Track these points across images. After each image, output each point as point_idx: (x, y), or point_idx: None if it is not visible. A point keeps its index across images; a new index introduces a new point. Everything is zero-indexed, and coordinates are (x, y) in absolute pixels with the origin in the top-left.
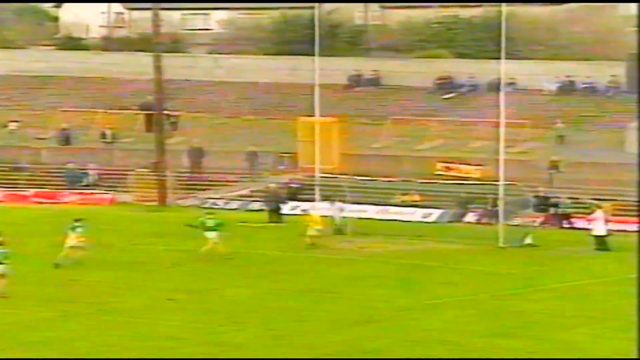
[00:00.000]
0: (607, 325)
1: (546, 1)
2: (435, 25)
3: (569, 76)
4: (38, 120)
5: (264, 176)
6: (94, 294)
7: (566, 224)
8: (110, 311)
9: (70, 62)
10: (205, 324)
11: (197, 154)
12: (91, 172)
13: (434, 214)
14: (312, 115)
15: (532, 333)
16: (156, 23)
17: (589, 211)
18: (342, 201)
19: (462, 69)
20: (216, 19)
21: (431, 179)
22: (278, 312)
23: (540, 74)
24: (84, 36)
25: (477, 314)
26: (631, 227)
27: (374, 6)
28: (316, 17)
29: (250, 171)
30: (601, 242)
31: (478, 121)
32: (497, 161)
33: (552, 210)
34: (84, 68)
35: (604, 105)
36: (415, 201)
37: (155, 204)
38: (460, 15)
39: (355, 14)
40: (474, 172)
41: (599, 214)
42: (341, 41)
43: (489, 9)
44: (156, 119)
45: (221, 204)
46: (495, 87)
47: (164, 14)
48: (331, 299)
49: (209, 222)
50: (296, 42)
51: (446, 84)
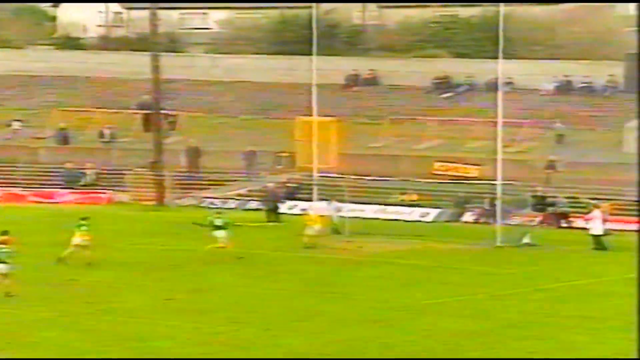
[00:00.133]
0: (606, 325)
1: (544, 1)
2: (433, 25)
3: (566, 76)
4: (36, 119)
5: (261, 176)
6: (92, 293)
7: (564, 223)
8: (108, 311)
9: (68, 62)
10: (204, 324)
11: (194, 154)
12: (89, 171)
13: (432, 213)
14: (310, 115)
15: (531, 333)
16: (154, 23)
17: (586, 211)
18: (340, 201)
19: (460, 68)
20: (214, 18)
21: (429, 178)
22: (276, 312)
23: (538, 73)
24: (81, 36)
25: (475, 314)
26: (629, 227)
27: (372, 6)
28: (314, 16)
29: (248, 171)
30: (599, 242)
31: (476, 121)
32: (494, 161)
33: (550, 209)
34: (81, 68)
35: (601, 105)
36: (413, 201)
37: (153, 203)
38: (458, 15)
39: (353, 13)
40: (472, 171)
41: (596, 213)
42: (339, 41)
43: (487, 8)
44: (154, 119)
45: (219, 203)
46: (493, 86)
47: (161, 13)
48: (329, 299)
49: (218, 222)
50: (294, 41)
51: (444, 84)
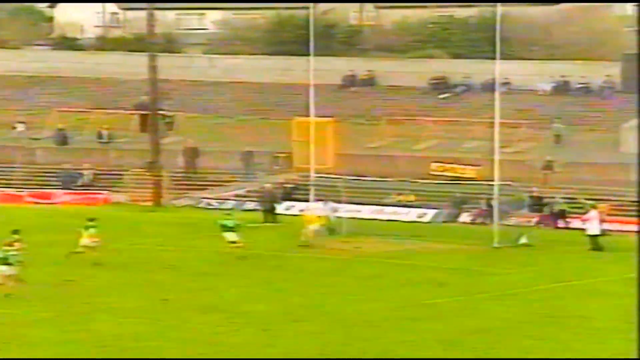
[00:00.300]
0: (604, 325)
1: (541, 1)
2: (431, 26)
3: (563, 76)
4: (33, 120)
5: (259, 176)
6: (90, 294)
7: (561, 223)
8: (106, 311)
9: (65, 63)
10: (201, 324)
11: (192, 154)
12: (86, 172)
13: (429, 213)
14: (307, 116)
15: (528, 333)
16: (151, 23)
17: (583, 211)
18: (337, 201)
19: (457, 69)
20: (211, 19)
21: (426, 178)
22: (274, 312)
23: (535, 74)
24: (78, 36)
25: (472, 314)
26: (626, 227)
27: (369, 6)
28: (311, 17)
29: (245, 171)
30: (596, 242)
31: (473, 121)
32: (492, 161)
33: (547, 210)
34: (78, 68)
35: (598, 105)
36: (410, 201)
37: (150, 204)
38: (455, 15)
39: (350, 14)
40: (469, 172)
41: (593, 213)
42: (336, 41)
43: (484, 9)
44: (151, 119)
45: (216, 204)
46: (490, 87)
47: (158, 14)
48: (327, 299)
49: (228, 223)
50: (291, 42)
51: (441, 84)
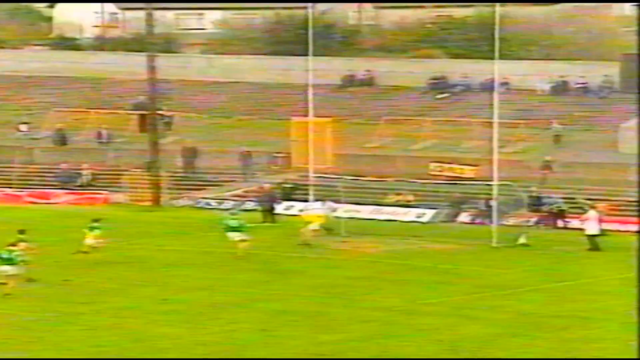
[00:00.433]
0: (602, 326)
1: (540, 1)
2: (429, 26)
3: (562, 76)
4: (31, 120)
5: (257, 176)
6: (87, 294)
7: (560, 223)
8: (104, 311)
9: (64, 62)
10: (199, 324)
11: (190, 154)
12: (85, 172)
13: (428, 213)
14: (306, 115)
15: (527, 333)
16: (150, 23)
17: (582, 211)
18: (336, 201)
19: (456, 69)
20: (210, 19)
21: (425, 178)
22: (271, 312)
23: (534, 74)
24: (77, 36)
25: (471, 314)
26: (625, 227)
27: (368, 6)
28: (310, 17)
29: (243, 171)
30: (594, 242)
31: (472, 121)
32: (490, 161)
33: (546, 210)
34: (77, 68)
35: (597, 105)
36: (409, 201)
37: (149, 203)
38: (453, 15)
39: (349, 14)
40: (468, 172)
41: (592, 213)
42: (335, 41)
43: (483, 9)
44: (150, 119)
45: (215, 204)
46: (488, 87)
47: (157, 14)
48: (325, 299)
49: (232, 223)
50: (290, 42)
51: (440, 84)
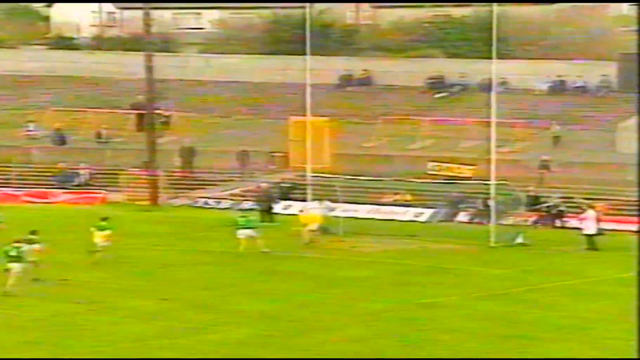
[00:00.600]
0: (600, 325)
1: (537, 1)
2: (427, 25)
3: (560, 76)
4: (29, 120)
5: (255, 176)
6: (86, 293)
7: (558, 223)
8: (102, 311)
9: (62, 62)
10: (198, 324)
11: (188, 154)
12: (82, 171)
13: (426, 213)
14: (304, 115)
15: (525, 333)
16: (147, 22)
17: (580, 210)
18: (333, 201)
19: (454, 68)
20: (207, 18)
21: (423, 178)
22: (270, 312)
23: (532, 73)
24: (75, 36)
25: (469, 314)
26: (623, 227)
27: (366, 6)
28: (307, 16)
29: (241, 171)
30: (592, 242)
31: (470, 121)
32: (488, 161)
33: (544, 209)
34: (75, 68)
35: (595, 105)
36: (407, 201)
37: (146, 203)
38: (451, 15)
39: (347, 13)
40: (466, 171)
41: (590, 213)
42: (333, 41)
43: (481, 8)
44: (147, 119)
45: (213, 203)
46: (486, 86)
47: (155, 13)
48: (322, 299)
49: (241, 221)
50: (287, 41)
51: (437, 84)
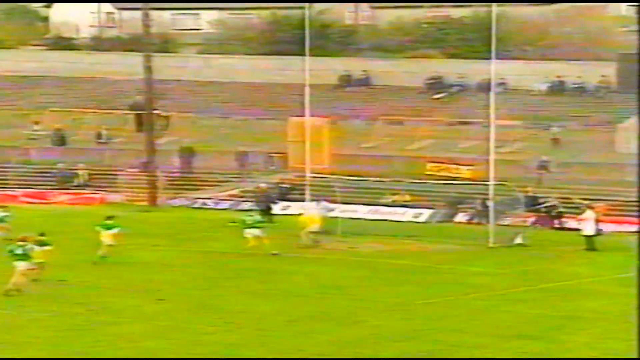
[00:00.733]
0: (599, 325)
1: (536, 1)
2: (426, 26)
3: (559, 76)
4: (28, 120)
5: (254, 176)
6: (84, 293)
7: (557, 224)
8: (99, 311)
9: (60, 62)
10: (195, 324)
11: (187, 154)
12: (81, 172)
13: (425, 213)
14: (303, 116)
15: (524, 333)
16: (146, 23)
17: (579, 211)
18: (333, 201)
19: (453, 69)
20: (206, 19)
21: (422, 178)
22: (268, 312)
23: (531, 74)
24: (74, 36)
25: (467, 314)
26: (622, 228)
27: (364, 6)
28: (306, 17)
29: (240, 171)
30: (591, 242)
31: (468, 121)
32: (487, 161)
33: (543, 210)
34: (74, 68)
35: (594, 105)
36: (406, 201)
37: (145, 203)
38: (450, 15)
39: (346, 14)
40: (464, 172)
41: (589, 214)
42: (331, 41)
43: (479, 9)
44: (146, 119)
45: (211, 204)
46: (485, 87)
47: (154, 14)
48: (321, 299)
49: (249, 220)
50: (286, 42)
51: (436, 84)
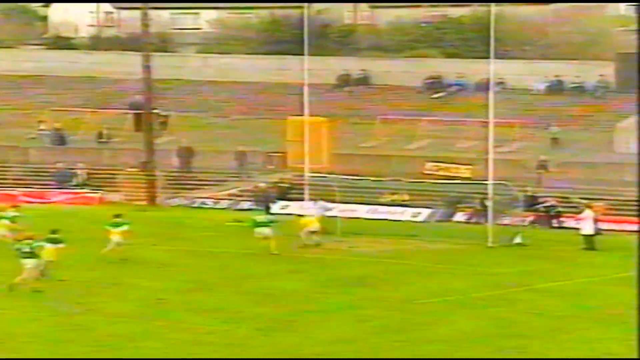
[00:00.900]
0: (599, 325)
1: (535, 1)
2: (424, 25)
3: (557, 76)
4: (27, 120)
5: (253, 176)
6: (83, 293)
7: (555, 223)
8: (98, 311)
9: (59, 62)
10: (194, 324)
11: (186, 154)
12: (80, 171)
13: (423, 213)
14: (301, 115)
15: (522, 333)
16: (145, 22)
17: (578, 211)
18: (331, 201)
19: (451, 68)
20: (205, 18)
21: (420, 178)
22: (267, 312)
23: (529, 73)
24: (72, 36)
25: (466, 314)
26: (621, 227)
27: (363, 6)
28: (305, 16)
29: (239, 171)
30: (590, 242)
31: (467, 121)
32: (486, 161)
33: (542, 209)
34: (72, 68)
35: (592, 105)
36: (405, 200)
37: (144, 203)
38: (449, 15)
39: (345, 13)
40: (463, 171)
41: (588, 213)
42: (330, 41)
43: (478, 8)
44: (145, 119)
45: (210, 203)
46: (484, 86)
47: (153, 13)
48: (320, 298)
49: (260, 219)
50: (285, 41)
51: (435, 84)
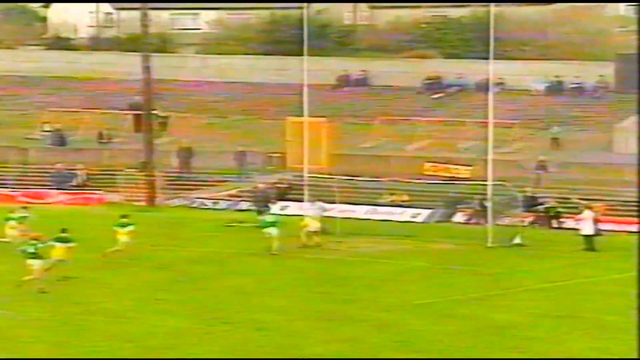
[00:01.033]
0: (598, 325)
1: (535, 1)
2: (424, 26)
3: (557, 76)
4: (26, 120)
5: (252, 176)
6: (82, 293)
7: (555, 224)
8: (97, 311)
9: (59, 62)
10: (194, 324)
11: (186, 154)
12: (79, 172)
13: (423, 213)
14: (301, 115)
15: (522, 333)
16: (145, 23)
17: (577, 211)
18: (331, 201)
19: (451, 69)
20: (205, 19)
21: (420, 178)
22: (267, 312)
23: (529, 74)
24: (72, 36)
25: (466, 314)
26: (621, 227)
27: (363, 6)
28: (305, 17)
29: (239, 171)
30: (590, 242)
31: (467, 121)
32: (485, 161)
33: (541, 210)
34: (72, 68)
35: (592, 105)
36: (404, 201)
37: (143, 203)
38: (448, 15)
39: (344, 14)
40: (463, 172)
41: (587, 214)
42: (330, 41)
43: (478, 9)
44: (145, 119)
45: (210, 204)
46: (483, 87)
47: (152, 13)
48: (320, 298)
49: (268, 219)
50: (285, 42)
51: (435, 84)
